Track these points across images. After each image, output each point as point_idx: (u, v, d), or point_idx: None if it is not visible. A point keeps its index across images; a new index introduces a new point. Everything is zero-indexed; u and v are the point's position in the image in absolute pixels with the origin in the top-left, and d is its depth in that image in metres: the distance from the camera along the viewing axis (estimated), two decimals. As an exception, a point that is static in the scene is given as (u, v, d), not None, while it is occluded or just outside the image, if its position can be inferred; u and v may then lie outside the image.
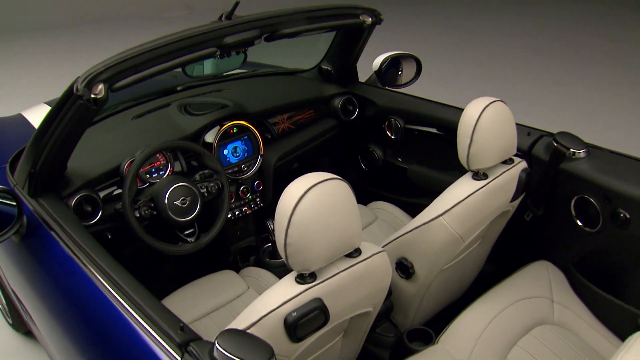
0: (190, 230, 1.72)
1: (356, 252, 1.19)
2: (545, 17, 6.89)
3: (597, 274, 1.68)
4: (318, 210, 1.05)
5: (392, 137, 2.19)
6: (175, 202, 1.65)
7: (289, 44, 1.80)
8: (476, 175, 1.53)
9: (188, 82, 2.16)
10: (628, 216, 1.53)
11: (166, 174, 1.76)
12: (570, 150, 1.66)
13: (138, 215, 1.63)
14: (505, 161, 1.58)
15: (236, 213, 2.01)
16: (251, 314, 1.10)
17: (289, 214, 1.04)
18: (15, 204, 1.51)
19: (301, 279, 1.12)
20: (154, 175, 1.75)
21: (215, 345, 0.96)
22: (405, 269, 1.58)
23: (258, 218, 2.13)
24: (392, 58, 2.21)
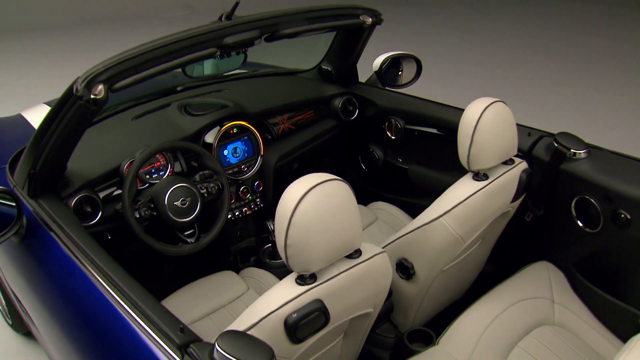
0: (190, 231, 1.72)
1: (356, 253, 1.18)
2: (545, 17, 6.89)
3: (598, 275, 1.68)
4: (318, 211, 1.05)
5: (393, 138, 2.19)
6: (175, 203, 1.65)
7: (289, 44, 1.79)
8: (477, 175, 1.53)
9: (188, 83, 2.16)
10: (629, 217, 1.53)
11: (166, 175, 1.76)
12: (571, 150, 1.65)
13: (138, 215, 1.63)
14: (505, 162, 1.58)
15: (236, 214, 2.01)
16: (251, 315, 1.09)
17: (290, 215, 1.04)
18: (14, 204, 1.51)
19: (301, 280, 1.12)
20: (153, 176, 1.75)
21: (215, 347, 0.96)
22: (405, 269, 1.57)
23: (258, 219, 2.12)
24: (392, 58, 2.21)
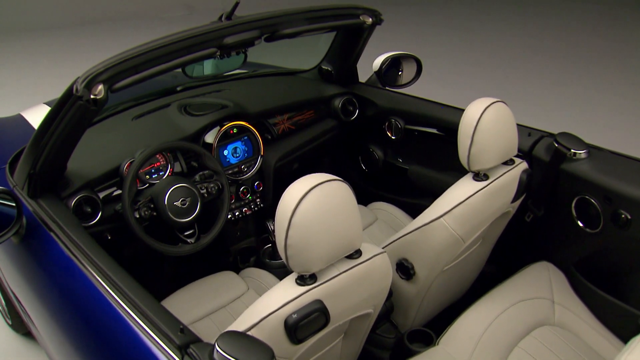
0: (190, 231, 1.72)
1: (357, 254, 1.18)
2: (545, 17, 6.89)
3: (598, 275, 1.68)
4: (319, 212, 1.05)
5: (393, 138, 2.19)
6: (175, 203, 1.65)
7: (289, 44, 1.79)
8: (477, 176, 1.53)
9: (188, 83, 2.15)
10: (629, 217, 1.53)
11: (166, 175, 1.76)
12: (571, 150, 1.65)
13: (138, 216, 1.63)
14: (506, 162, 1.58)
15: (236, 214, 2.01)
16: (251, 316, 1.09)
17: (290, 215, 1.04)
18: (14, 204, 1.50)
19: (301, 280, 1.12)
20: (153, 176, 1.75)
21: (215, 347, 0.96)
22: (405, 270, 1.57)
23: (258, 219, 2.12)
24: (393, 58, 2.21)
